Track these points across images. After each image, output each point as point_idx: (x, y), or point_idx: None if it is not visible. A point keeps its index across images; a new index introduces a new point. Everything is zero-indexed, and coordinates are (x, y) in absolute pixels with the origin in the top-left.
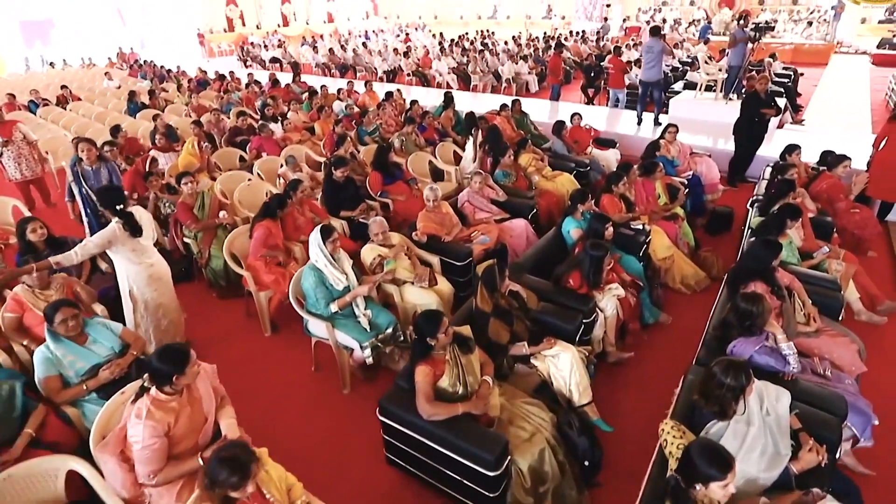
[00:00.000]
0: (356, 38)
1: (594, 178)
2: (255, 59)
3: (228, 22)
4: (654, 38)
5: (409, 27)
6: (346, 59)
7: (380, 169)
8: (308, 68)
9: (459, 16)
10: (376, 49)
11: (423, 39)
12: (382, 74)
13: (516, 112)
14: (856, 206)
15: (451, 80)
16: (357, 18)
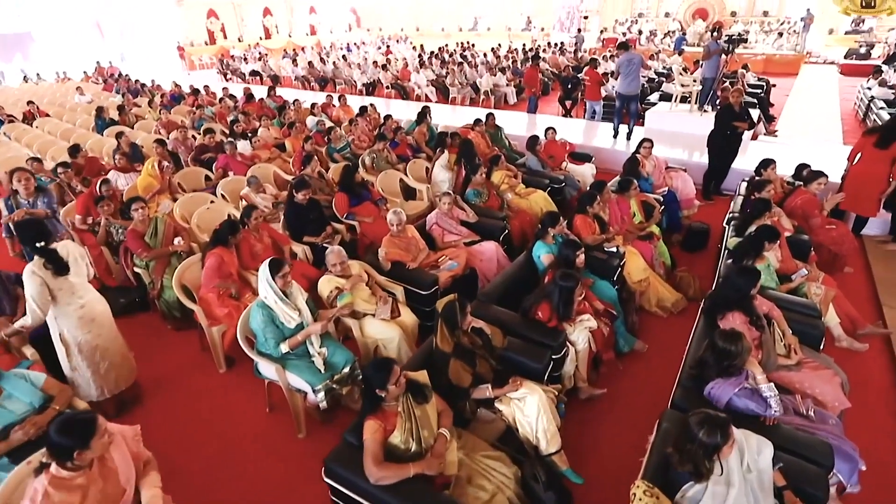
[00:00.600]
0: (338, 51)
1: (569, 195)
2: (235, 72)
3: (209, 35)
4: (629, 51)
5: (392, 39)
6: (325, 72)
7: (346, 189)
8: (289, 81)
9: (441, 28)
10: (356, 62)
11: (404, 51)
12: (362, 87)
13: (490, 126)
14: (832, 222)
15: (429, 92)
16: (340, 31)
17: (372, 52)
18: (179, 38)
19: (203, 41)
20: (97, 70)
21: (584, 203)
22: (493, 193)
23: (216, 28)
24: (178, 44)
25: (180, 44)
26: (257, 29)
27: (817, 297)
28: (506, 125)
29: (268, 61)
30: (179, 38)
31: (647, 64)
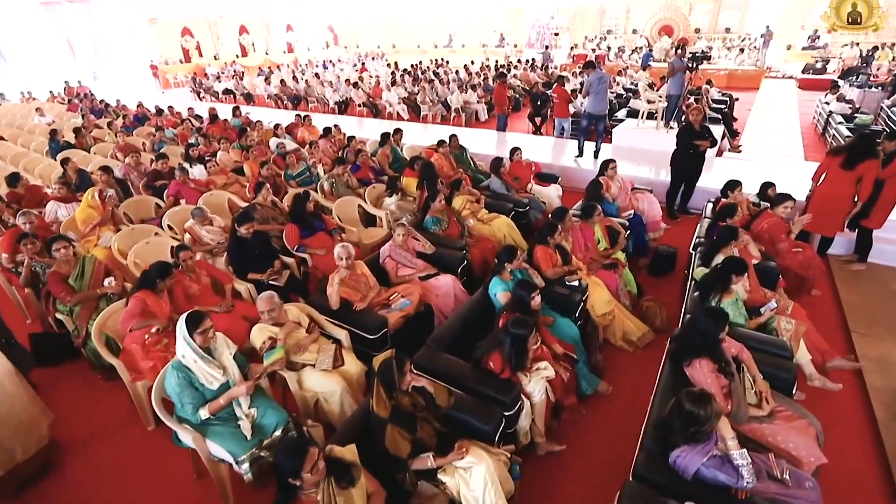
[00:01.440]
0: (313, 68)
1: (534, 217)
2: (209, 90)
3: (184, 53)
4: (598, 69)
5: (368, 56)
6: (298, 91)
7: (297, 220)
8: (263, 100)
9: (417, 44)
10: (330, 79)
11: (379, 69)
12: (334, 105)
13: (454, 147)
14: (798, 245)
15: (401, 110)
16: (317, 48)
17: (347, 70)
18: (153, 56)
19: (178, 59)
20: (67, 89)
21: (545, 234)
22: (453, 220)
23: (191, 46)
24: (152, 62)
25: (153, 62)
26: (234, 47)
27: (788, 332)
28: (475, 143)
29: (242, 79)
30: (153, 57)
31: (612, 84)
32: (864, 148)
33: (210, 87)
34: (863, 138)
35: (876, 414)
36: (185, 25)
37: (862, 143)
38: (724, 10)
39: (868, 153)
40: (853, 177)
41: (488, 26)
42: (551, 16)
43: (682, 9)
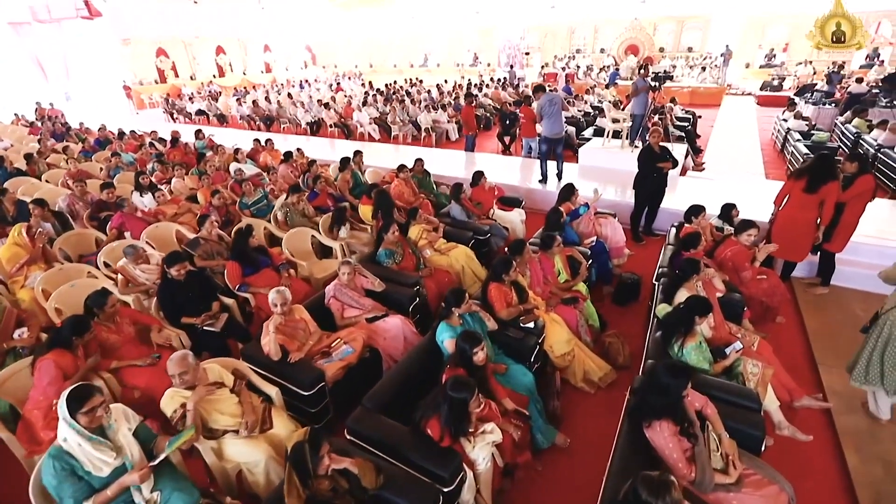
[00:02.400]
0: (289, 88)
1: (496, 245)
2: (181, 111)
3: (159, 73)
4: (549, 92)
5: (345, 76)
6: (270, 111)
7: (239, 256)
8: (237, 120)
9: (393, 64)
10: (303, 99)
11: (355, 88)
12: (306, 126)
13: (418, 171)
14: (762, 272)
15: (372, 130)
16: (295, 68)
17: (323, 89)
18: (127, 76)
19: (153, 79)
20: (38, 111)
21: (499, 271)
22: (408, 252)
23: (166, 66)
24: (125, 83)
25: (126, 83)
26: (210, 67)
27: (754, 376)
28: (443, 164)
29: (217, 99)
30: (127, 77)
31: (566, 105)
32: (824, 169)
33: (183, 107)
34: (822, 159)
35: (848, 462)
36: (160, 46)
37: (822, 165)
38: (686, 30)
39: (829, 175)
40: (816, 200)
41: (462, 46)
42: (521, 36)
43: (647, 29)
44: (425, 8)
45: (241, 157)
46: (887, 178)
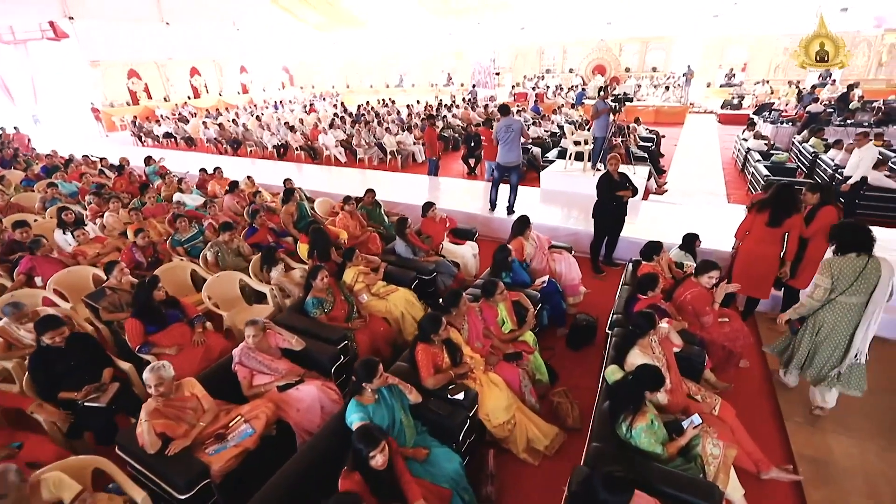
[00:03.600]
0: (262, 110)
1: (442, 285)
2: (149, 134)
3: (132, 95)
4: (509, 116)
5: (322, 97)
6: (237, 134)
7: (141, 312)
8: (204, 144)
9: (370, 84)
10: (276, 121)
11: (329, 109)
12: (272, 150)
13: (368, 203)
14: (725, 314)
15: (338, 153)
16: (273, 89)
17: (297, 110)
18: (98, 98)
19: (125, 101)
20: (2, 136)
21: (427, 330)
22: (339, 299)
23: (139, 88)
24: (93, 105)
25: (94, 105)
26: (185, 88)
27: (715, 459)
28: (404, 190)
29: (188, 122)
30: (96, 100)
31: (526, 133)
32: (787, 202)
33: (150, 130)
34: (784, 190)
35: None
36: (132, 67)
37: (784, 197)
38: (650, 50)
39: (792, 208)
40: (780, 234)
41: (436, 66)
42: (492, 58)
43: (613, 49)
44: (400, 30)
45: (185, 186)
46: None
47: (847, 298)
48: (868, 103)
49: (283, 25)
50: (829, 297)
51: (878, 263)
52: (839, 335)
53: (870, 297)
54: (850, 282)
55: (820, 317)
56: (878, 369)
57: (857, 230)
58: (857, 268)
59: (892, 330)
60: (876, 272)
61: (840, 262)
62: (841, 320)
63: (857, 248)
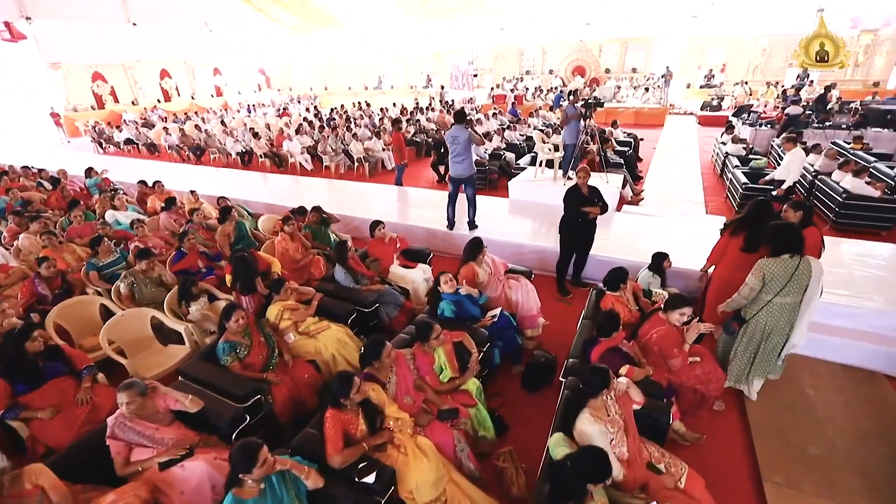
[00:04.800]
0: (233, 114)
1: (387, 317)
2: (109, 140)
3: (96, 99)
4: (459, 125)
5: (301, 99)
6: (199, 140)
7: (9, 368)
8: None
9: (348, 87)
10: (242, 126)
11: (303, 113)
12: (236, 157)
13: (312, 221)
14: (696, 353)
15: (304, 160)
16: (249, 92)
17: (271, 114)
18: (59, 103)
19: (89, 106)
20: None
21: (337, 393)
22: (258, 342)
23: (104, 91)
24: (52, 110)
25: (54, 110)
26: (155, 91)
27: None
28: (365, 203)
29: (154, 126)
30: (57, 104)
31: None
32: (763, 222)
33: (110, 136)
34: (758, 210)
35: None
36: (96, 70)
37: (758, 217)
38: (630, 51)
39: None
40: (756, 259)
41: (415, 68)
42: (470, 61)
43: (592, 50)
44: (378, 31)
45: (120, 202)
46: (826, 206)
47: (782, 299)
48: (845, 104)
49: (258, 26)
50: (765, 299)
51: (808, 264)
52: (778, 335)
53: (803, 297)
54: (784, 283)
55: (759, 322)
56: (864, 409)
57: (791, 232)
58: (790, 269)
59: (876, 361)
60: (808, 272)
61: (773, 263)
62: (779, 321)
63: (790, 249)
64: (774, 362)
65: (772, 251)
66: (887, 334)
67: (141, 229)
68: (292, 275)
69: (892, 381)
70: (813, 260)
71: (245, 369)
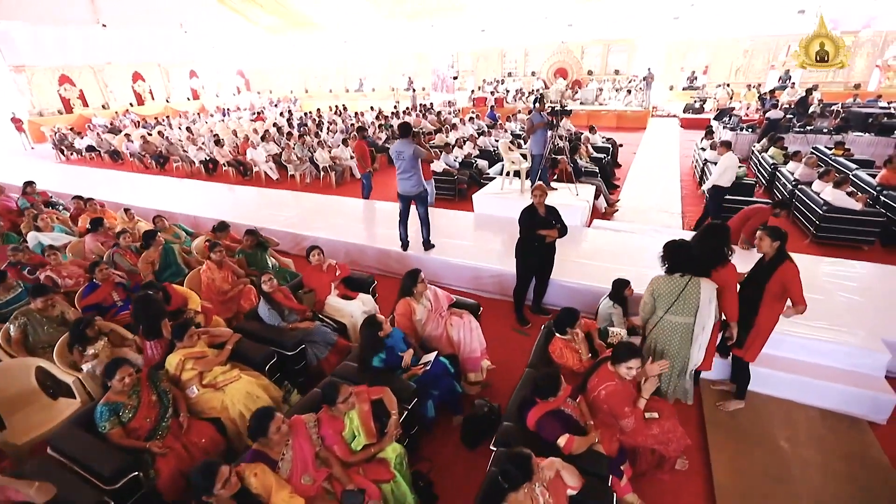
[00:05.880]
0: (209, 117)
1: (313, 360)
2: (71, 147)
3: (64, 102)
4: (404, 139)
5: (274, 103)
6: (162, 147)
7: None
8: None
9: (329, 89)
10: (209, 131)
11: (278, 118)
12: (199, 165)
13: (246, 247)
14: (653, 407)
15: (268, 169)
16: (227, 94)
17: (245, 118)
18: (23, 107)
19: (56, 110)
20: None
21: (199, 489)
22: (147, 401)
23: (73, 95)
24: (13, 115)
25: (15, 114)
26: (127, 94)
27: None
28: (323, 218)
29: (120, 131)
30: (20, 108)
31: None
32: (712, 249)
33: (71, 143)
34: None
35: None
36: (64, 73)
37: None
38: (612, 53)
39: (718, 255)
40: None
41: (397, 69)
42: (451, 64)
43: (574, 52)
44: (358, 32)
45: (44, 222)
46: (806, 219)
47: (672, 317)
48: (827, 106)
49: (235, 28)
50: (658, 314)
51: (698, 284)
52: (673, 352)
53: (695, 318)
54: (671, 301)
55: (653, 336)
56: (845, 470)
57: (686, 254)
58: (678, 288)
59: (858, 405)
60: (696, 293)
61: (661, 281)
62: (671, 339)
63: (681, 269)
64: (678, 382)
65: (666, 269)
66: (871, 374)
67: (54, 257)
68: (219, 308)
69: (877, 429)
70: (705, 282)
71: (128, 436)
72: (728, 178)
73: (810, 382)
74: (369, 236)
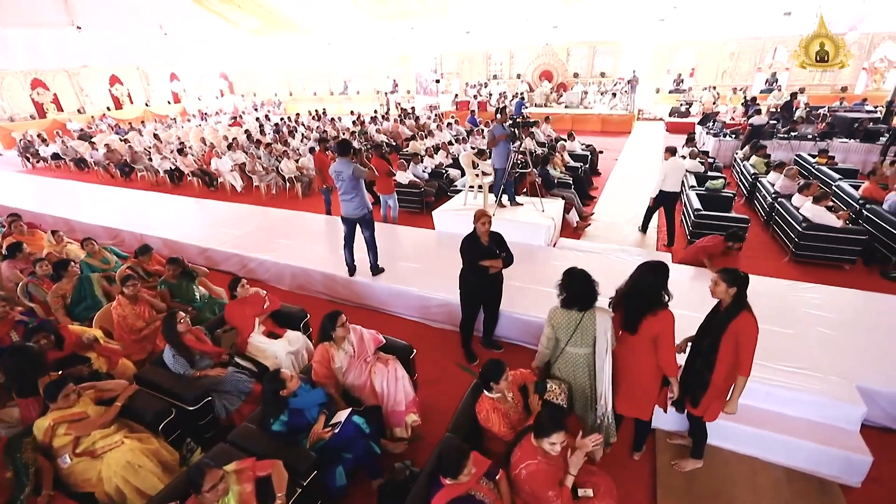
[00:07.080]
0: (183, 122)
1: (223, 413)
2: (36, 155)
3: (37, 107)
4: (342, 158)
5: (255, 107)
6: (125, 156)
7: None
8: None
9: (313, 92)
10: (175, 139)
11: (255, 123)
12: (164, 175)
13: (170, 278)
14: (586, 483)
15: (233, 179)
16: (210, 98)
17: (224, 122)
18: None
19: (29, 115)
20: None
21: None
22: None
23: (46, 99)
24: None
25: None
26: (104, 98)
27: None
28: (267, 239)
29: (91, 138)
30: None
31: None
32: (649, 287)
33: (36, 151)
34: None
35: None
36: (36, 77)
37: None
38: (598, 55)
39: (653, 297)
40: (646, 340)
41: (382, 72)
42: (433, 68)
43: (559, 54)
44: (342, 35)
45: None
46: (785, 235)
47: (572, 349)
48: (813, 109)
49: (217, 30)
50: (560, 346)
51: (594, 316)
52: (578, 383)
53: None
54: (570, 333)
55: (557, 367)
56: None
57: (587, 286)
58: (575, 320)
59: (828, 465)
60: (592, 325)
61: (558, 313)
62: (574, 370)
63: (577, 305)
64: (594, 419)
65: (562, 300)
66: (844, 428)
67: None
68: (132, 347)
69: (849, 493)
70: (601, 312)
71: None
72: (672, 184)
73: (777, 438)
74: (318, 259)
